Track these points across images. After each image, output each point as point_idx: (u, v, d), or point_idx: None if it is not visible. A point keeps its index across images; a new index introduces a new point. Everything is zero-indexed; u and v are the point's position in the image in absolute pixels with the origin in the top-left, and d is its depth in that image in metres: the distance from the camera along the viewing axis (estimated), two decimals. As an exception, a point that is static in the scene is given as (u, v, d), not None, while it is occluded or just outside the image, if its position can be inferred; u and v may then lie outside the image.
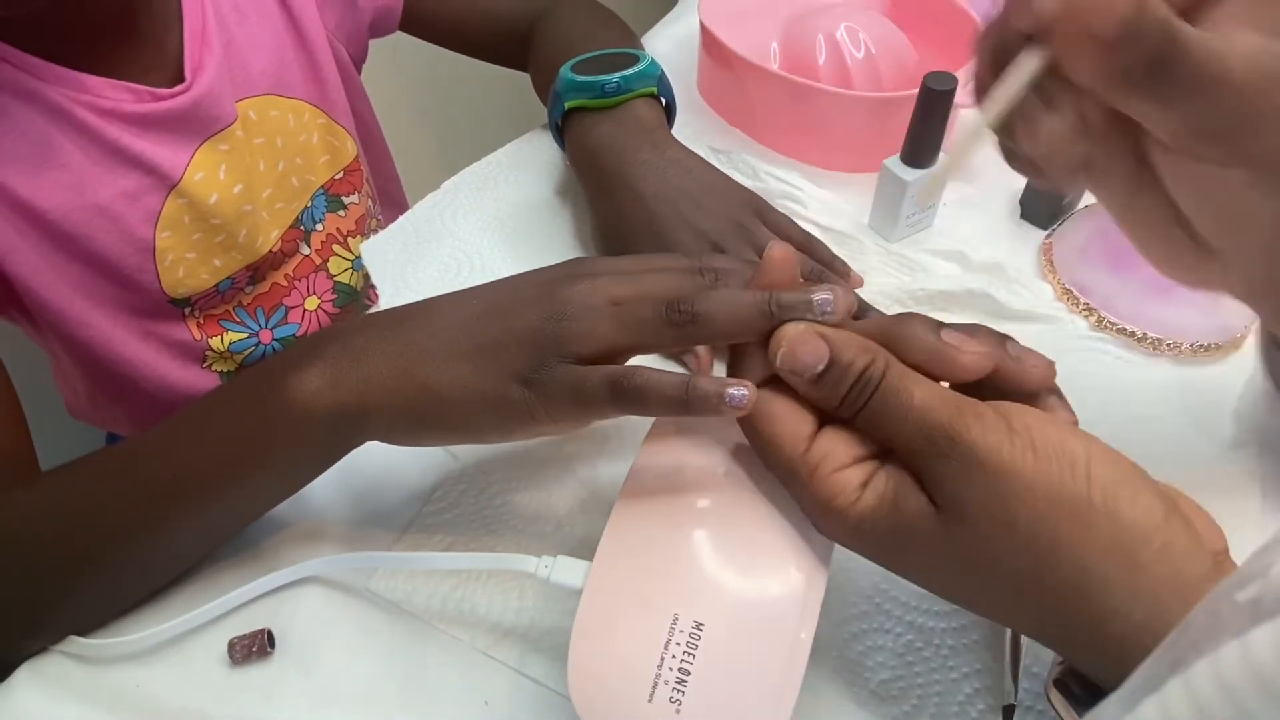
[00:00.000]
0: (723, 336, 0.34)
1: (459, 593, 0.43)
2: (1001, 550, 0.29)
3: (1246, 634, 0.17)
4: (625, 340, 0.34)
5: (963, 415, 0.30)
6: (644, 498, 0.35)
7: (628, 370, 0.33)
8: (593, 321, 0.34)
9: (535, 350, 0.35)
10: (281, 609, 0.42)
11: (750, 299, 0.33)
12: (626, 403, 0.33)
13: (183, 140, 0.57)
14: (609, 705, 0.32)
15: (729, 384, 0.32)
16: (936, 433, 0.30)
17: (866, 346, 0.31)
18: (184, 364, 0.65)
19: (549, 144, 0.66)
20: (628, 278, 0.36)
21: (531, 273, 0.39)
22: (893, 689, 0.40)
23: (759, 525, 0.34)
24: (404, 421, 0.37)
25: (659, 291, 0.35)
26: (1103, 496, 0.28)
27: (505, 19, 0.73)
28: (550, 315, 0.35)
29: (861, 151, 0.65)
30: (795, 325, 0.32)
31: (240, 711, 0.39)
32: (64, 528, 0.40)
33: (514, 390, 0.35)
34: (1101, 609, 0.28)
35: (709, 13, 0.69)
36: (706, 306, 0.33)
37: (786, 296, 0.32)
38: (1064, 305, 0.56)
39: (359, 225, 0.73)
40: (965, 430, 0.29)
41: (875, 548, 0.32)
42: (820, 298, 0.32)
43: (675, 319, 0.33)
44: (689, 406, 0.32)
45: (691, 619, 0.32)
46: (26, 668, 0.41)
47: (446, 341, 0.37)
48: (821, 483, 0.32)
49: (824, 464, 0.32)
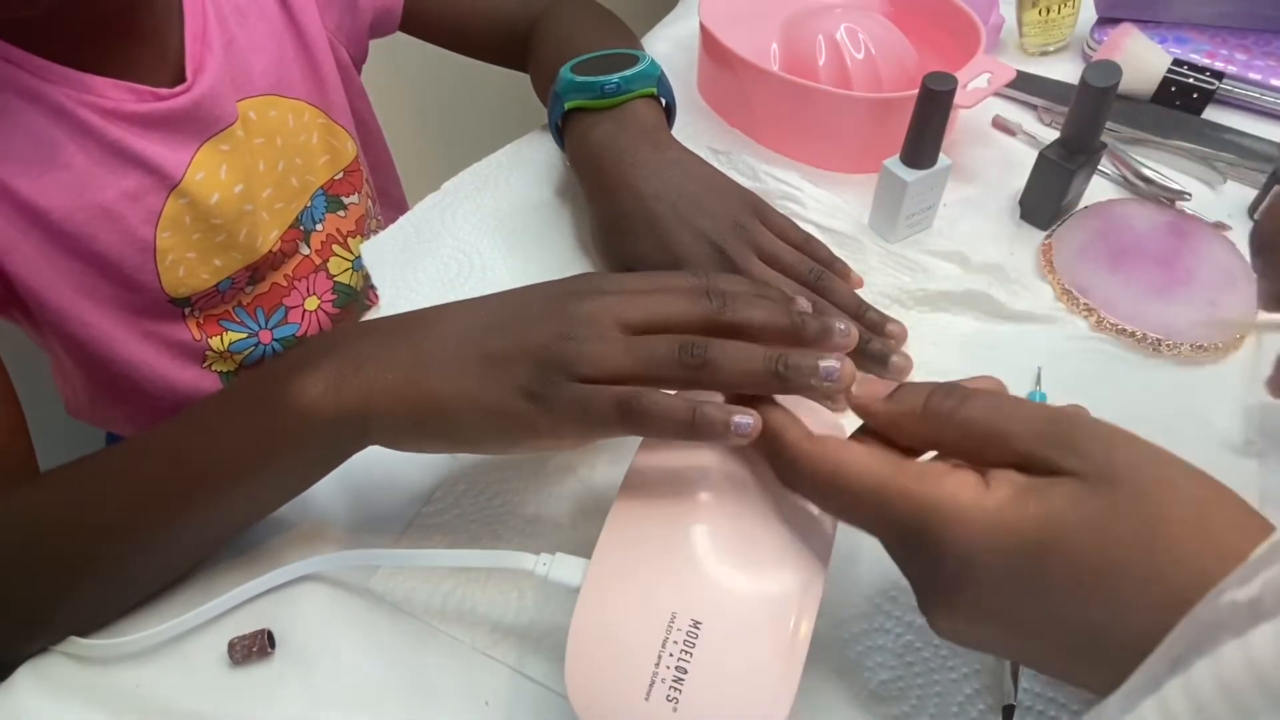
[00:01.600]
0: (730, 387, 0.34)
1: (459, 593, 0.43)
2: (1165, 510, 0.27)
3: (1247, 634, 0.17)
4: (635, 371, 0.34)
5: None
6: (642, 496, 0.35)
7: (636, 392, 0.34)
8: (603, 346, 0.35)
9: (543, 367, 0.35)
10: (281, 609, 0.42)
11: (761, 356, 0.33)
12: (633, 424, 0.34)
13: (184, 140, 0.57)
14: (606, 703, 0.32)
15: (736, 412, 0.32)
16: (1057, 423, 0.29)
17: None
18: (184, 364, 0.65)
19: (549, 144, 0.66)
20: (637, 299, 0.36)
21: (540, 285, 0.39)
22: (893, 689, 0.40)
23: (757, 524, 0.34)
24: (406, 429, 0.38)
25: (668, 315, 0.36)
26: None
27: (505, 19, 0.73)
28: (559, 334, 0.35)
29: (861, 151, 0.65)
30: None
31: (240, 711, 0.39)
32: (64, 529, 0.40)
33: (519, 404, 0.35)
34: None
35: (709, 13, 0.69)
36: (718, 356, 0.33)
37: (795, 359, 0.33)
38: (1064, 305, 0.57)
39: (359, 225, 0.73)
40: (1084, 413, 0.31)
41: (1014, 554, 0.28)
42: (826, 365, 0.33)
43: (687, 360, 0.34)
44: (696, 432, 0.32)
45: (689, 617, 0.32)
46: (26, 668, 0.41)
47: (453, 351, 0.37)
48: (936, 482, 0.29)
49: (930, 470, 0.30)
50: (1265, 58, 0.73)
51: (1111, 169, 0.66)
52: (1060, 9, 0.76)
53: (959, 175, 0.64)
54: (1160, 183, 0.63)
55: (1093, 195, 0.63)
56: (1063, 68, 0.77)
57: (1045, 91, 0.73)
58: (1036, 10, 0.76)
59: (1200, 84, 0.70)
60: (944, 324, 0.56)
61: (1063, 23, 0.77)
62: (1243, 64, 0.72)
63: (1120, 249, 0.58)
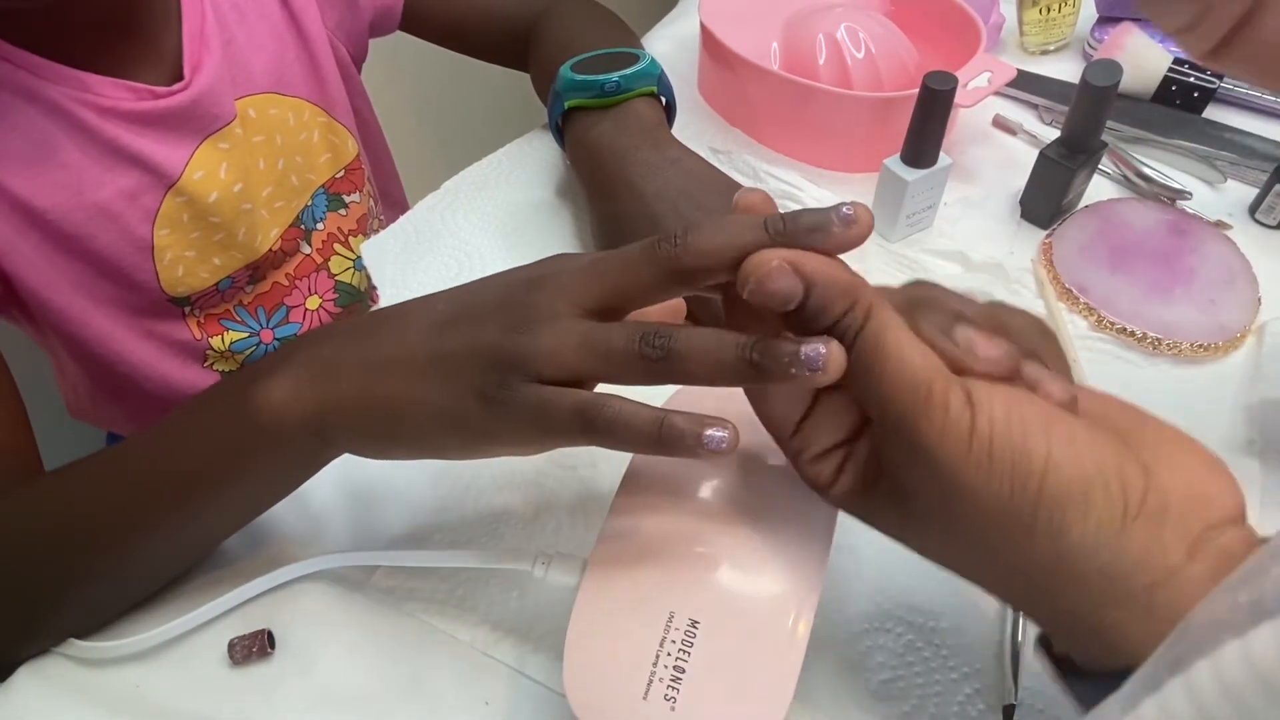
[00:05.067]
0: (697, 380, 0.30)
1: (459, 593, 0.43)
2: (944, 544, 0.31)
3: (1247, 634, 0.17)
4: (593, 370, 0.31)
5: (930, 401, 0.28)
6: (641, 495, 0.35)
7: (598, 400, 0.30)
8: (556, 341, 0.31)
9: (496, 367, 0.31)
10: (281, 609, 0.42)
11: (731, 342, 0.29)
12: (595, 435, 0.30)
13: (182, 138, 0.57)
14: (604, 702, 0.32)
15: (709, 424, 0.29)
16: (891, 414, 0.28)
17: (848, 288, 0.28)
18: (185, 363, 0.64)
19: (549, 144, 0.66)
20: (594, 271, 0.32)
21: (498, 274, 0.35)
22: (893, 689, 0.40)
23: (755, 523, 0.34)
24: (366, 437, 0.36)
25: (628, 282, 0.31)
26: (1047, 516, 0.27)
27: (505, 19, 0.73)
28: (511, 326, 0.31)
29: (861, 151, 0.65)
30: (769, 255, 0.28)
31: (240, 712, 0.39)
32: (57, 531, 0.40)
33: (474, 409, 0.32)
34: (1056, 609, 0.29)
35: (709, 13, 0.69)
36: (682, 346, 0.29)
37: (773, 346, 0.28)
38: (1064, 305, 0.56)
39: (360, 224, 0.73)
40: (924, 420, 0.28)
41: (872, 520, 0.33)
42: (810, 350, 0.28)
43: (648, 353, 0.29)
44: (663, 446, 0.29)
45: (687, 617, 0.32)
46: (26, 668, 0.41)
47: (407, 353, 0.34)
48: (803, 471, 0.32)
49: (805, 452, 0.32)
50: (1266, 57, 0.72)
51: (1112, 168, 0.66)
52: (1061, 8, 0.76)
53: (959, 175, 0.64)
54: (1161, 182, 0.63)
55: (1093, 194, 0.63)
56: (1063, 67, 0.77)
57: (1046, 91, 0.73)
58: (1037, 9, 0.76)
59: (1201, 83, 0.70)
60: (944, 323, 0.56)
61: (1063, 21, 0.77)
62: (1243, 63, 0.72)
63: (1121, 248, 0.58)
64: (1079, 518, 0.27)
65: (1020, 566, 0.28)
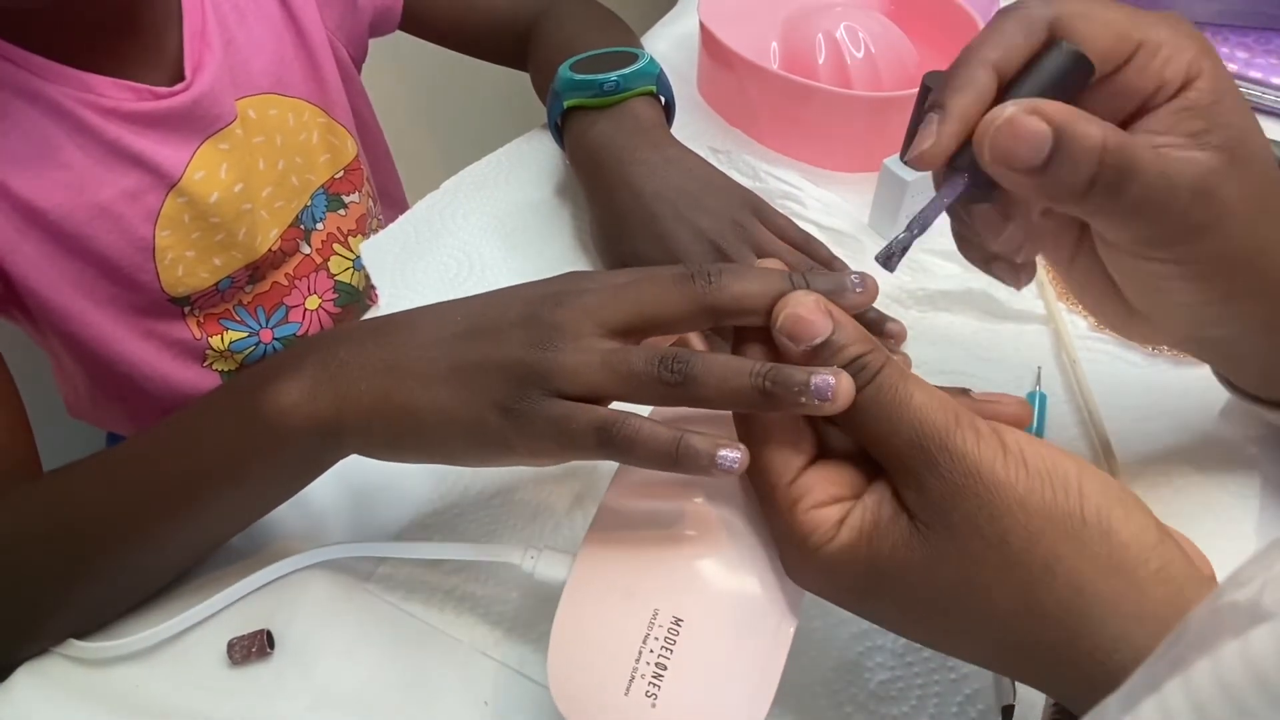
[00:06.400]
0: (710, 404, 0.31)
1: (458, 592, 0.43)
2: (992, 572, 0.28)
3: (1246, 634, 0.17)
4: (613, 390, 0.32)
5: (960, 425, 0.29)
6: (630, 493, 0.35)
7: (617, 417, 0.31)
8: (579, 358, 0.32)
9: (517, 380, 0.32)
10: (281, 609, 0.42)
11: (747, 370, 0.30)
12: (612, 450, 0.32)
13: (183, 139, 0.57)
14: (586, 697, 0.32)
15: (723, 445, 0.30)
16: (930, 440, 0.29)
17: (870, 339, 0.31)
18: (185, 363, 0.65)
19: (549, 144, 0.66)
20: (619, 295, 0.33)
21: (521, 287, 0.36)
22: (893, 689, 0.40)
23: (743, 523, 0.34)
24: (381, 440, 0.36)
25: (654, 309, 0.33)
26: (1096, 514, 0.28)
27: (505, 18, 0.73)
28: (534, 342, 0.33)
29: (861, 151, 0.65)
30: (804, 296, 0.31)
31: (240, 711, 0.39)
32: (56, 532, 0.40)
33: (493, 419, 0.33)
34: (1102, 636, 0.27)
35: (709, 13, 0.69)
36: (700, 372, 0.31)
37: (783, 374, 0.30)
38: (1064, 305, 0.56)
39: (360, 224, 0.73)
40: (960, 440, 0.28)
41: (848, 590, 0.31)
42: (819, 381, 0.29)
43: (666, 377, 0.31)
44: (678, 464, 0.31)
45: (671, 614, 0.32)
46: (26, 668, 0.41)
47: (427, 360, 0.35)
48: (799, 518, 0.31)
49: (805, 499, 0.31)
50: (1266, 56, 0.72)
51: (1112, 168, 0.66)
52: (1061, 8, 0.76)
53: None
54: (1161, 182, 0.63)
55: (1093, 194, 0.63)
56: (1063, 66, 0.77)
57: (1046, 90, 0.73)
58: (1037, 9, 0.76)
59: (1201, 83, 0.70)
60: (944, 324, 0.56)
61: (1063, 22, 0.77)
62: (1244, 62, 0.72)
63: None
64: (1124, 519, 0.28)
65: (1077, 579, 0.27)
